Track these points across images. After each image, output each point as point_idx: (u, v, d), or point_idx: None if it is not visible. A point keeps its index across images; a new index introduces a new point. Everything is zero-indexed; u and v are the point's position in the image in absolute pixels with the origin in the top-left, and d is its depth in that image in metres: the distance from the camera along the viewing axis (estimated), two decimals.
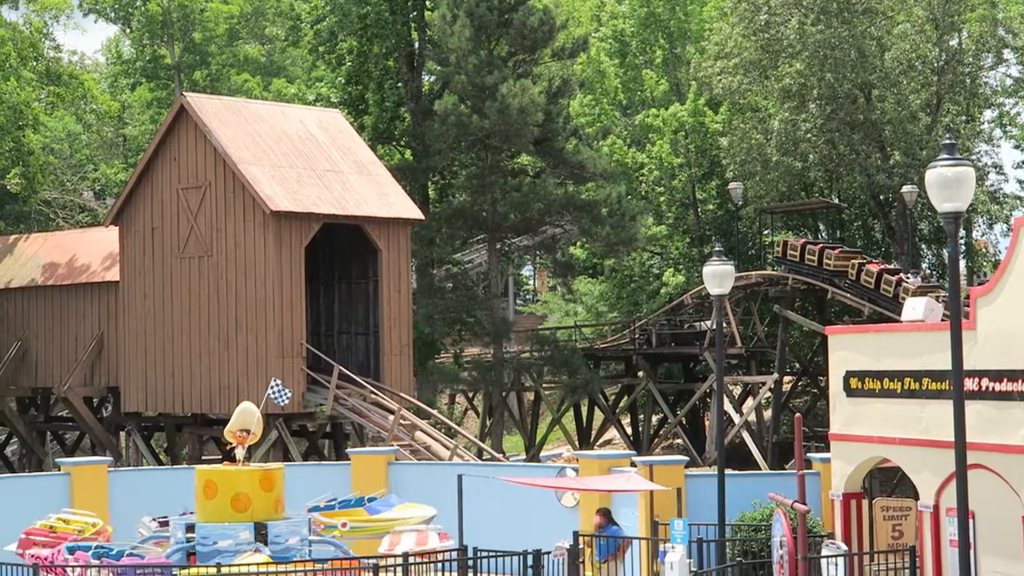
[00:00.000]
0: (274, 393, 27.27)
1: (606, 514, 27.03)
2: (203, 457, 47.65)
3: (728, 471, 27.64)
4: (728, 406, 52.40)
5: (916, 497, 25.05)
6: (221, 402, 44.29)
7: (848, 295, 49.79)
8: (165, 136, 46.04)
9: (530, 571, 24.67)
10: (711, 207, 64.52)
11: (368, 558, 24.75)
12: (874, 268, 49.57)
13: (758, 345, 54.91)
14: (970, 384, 22.14)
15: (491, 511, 29.26)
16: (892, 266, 51.61)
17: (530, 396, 60.52)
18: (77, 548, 25.58)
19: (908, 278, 48.77)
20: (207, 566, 24.23)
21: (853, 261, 50.52)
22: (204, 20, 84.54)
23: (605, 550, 26.54)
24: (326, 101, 59.87)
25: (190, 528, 25.63)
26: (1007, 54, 59.22)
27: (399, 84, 58.61)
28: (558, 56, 55.00)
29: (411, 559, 24.41)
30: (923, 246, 61.54)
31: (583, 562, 25.99)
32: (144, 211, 46.48)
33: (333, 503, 27.54)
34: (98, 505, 30.37)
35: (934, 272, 60.30)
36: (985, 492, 22.18)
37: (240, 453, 26.48)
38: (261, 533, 25.15)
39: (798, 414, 26.96)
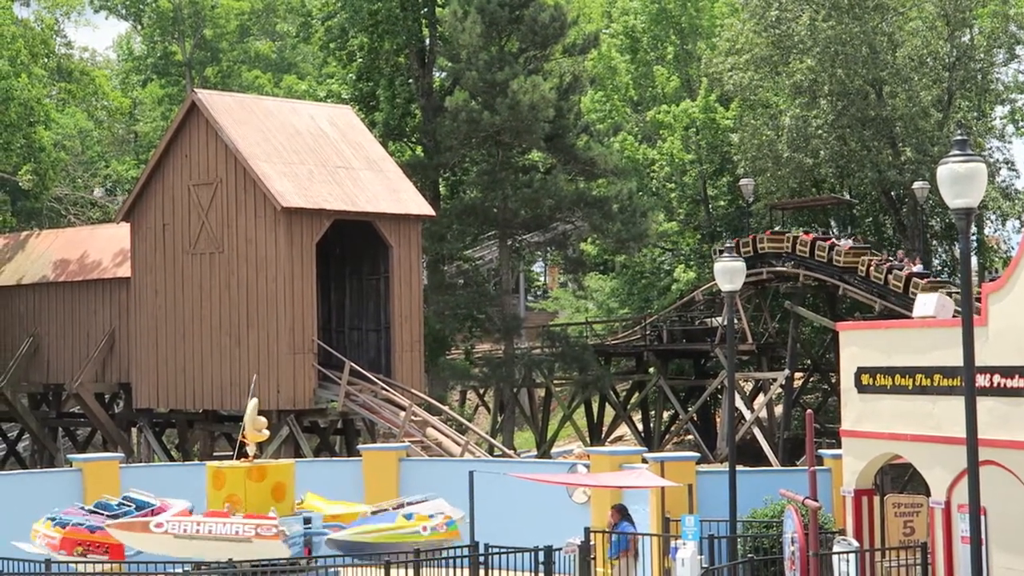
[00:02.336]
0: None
1: (621, 510, 26.95)
2: (215, 453, 47.75)
3: (739, 467, 27.63)
4: (739, 402, 52.38)
5: (928, 493, 25.01)
6: (232, 398, 44.34)
7: (859, 291, 49.77)
8: (176, 133, 46.09)
9: (541, 567, 24.66)
10: (722, 203, 64.47)
11: (379, 553, 24.77)
12: (807, 238, 52.61)
13: (769, 341, 54.88)
14: (982, 380, 22.10)
15: (502, 507, 29.27)
16: (823, 235, 54.17)
17: (541, 392, 60.52)
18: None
19: (839, 242, 51.92)
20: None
21: (787, 235, 53.20)
22: (215, 16, 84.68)
23: (617, 547, 26.50)
24: (337, 97, 59.91)
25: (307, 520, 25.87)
26: (1019, 50, 59.07)
27: (410, 80, 58.62)
28: (569, 52, 54.99)
29: (423, 555, 24.45)
30: (934, 242, 61.44)
31: (594, 558, 25.97)
32: (155, 207, 46.54)
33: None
34: None
35: (946, 267, 60.25)
36: (997, 488, 22.15)
37: (249, 450, 26.70)
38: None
39: (809, 410, 26.97)
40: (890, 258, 50.82)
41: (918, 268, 48.91)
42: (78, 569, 25.49)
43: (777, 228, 55.71)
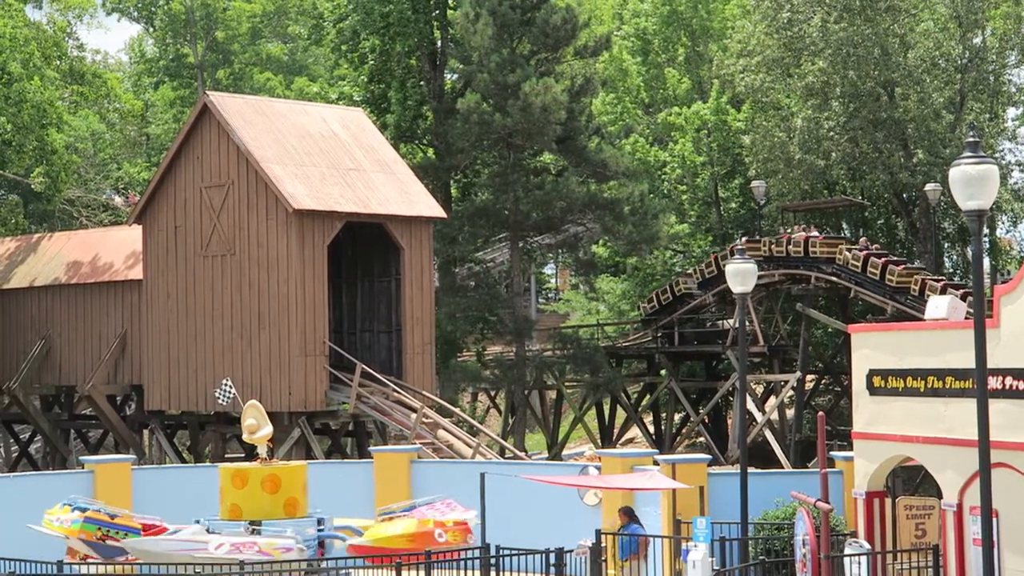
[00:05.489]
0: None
1: (628, 513, 27.02)
2: (226, 455, 47.79)
3: (751, 470, 27.60)
4: (751, 405, 52.32)
5: (939, 496, 24.97)
6: (244, 400, 44.25)
7: (871, 294, 49.68)
8: (188, 135, 46.16)
9: (553, 569, 24.66)
10: (733, 205, 64.43)
11: (391, 555, 24.78)
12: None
13: (781, 344, 54.81)
14: (994, 382, 22.06)
15: (513, 509, 29.27)
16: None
17: (552, 394, 60.50)
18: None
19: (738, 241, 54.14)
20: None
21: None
22: (227, 19, 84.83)
23: (627, 549, 26.52)
24: (348, 100, 59.97)
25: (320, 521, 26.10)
26: None
27: (421, 83, 58.66)
28: (580, 54, 55.00)
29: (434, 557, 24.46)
30: (946, 244, 61.37)
31: (606, 560, 25.98)
32: (167, 210, 46.60)
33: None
34: (122, 503, 30.47)
35: (958, 271, 60.15)
36: (1008, 491, 22.11)
37: (260, 451, 26.80)
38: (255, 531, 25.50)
39: (821, 413, 26.93)
40: (786, 231, 52.89)
41: (813, 234, 51.65)
42: (90, 570, 25.54)
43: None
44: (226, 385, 28.75)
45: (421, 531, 25.81)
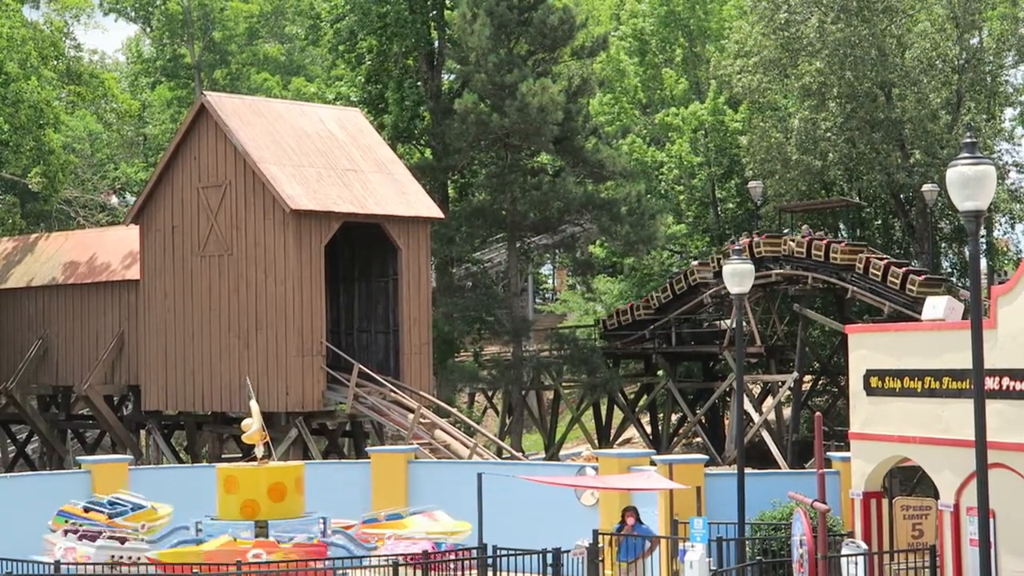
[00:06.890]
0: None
1: (635, 512, 26.93)
2: (223, 455, 47.77)
3: (748, 470, 27.63)
4: (748, 405, 52.31)
5: (936, 496, 24.99)
6: (241, 401, 44.30)
7: (868, 294, 49.73)
8: (185, 135, 46.14)
9: (550, 570, 24.68)
10: (731, 206, 64.42)
11: (388, 556, 24.80)
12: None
13: (778, 344, 54.83)
14: (991, 383, 22.09)
15: (510, 510, 29.29)
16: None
17: (549, 395, 60.50)
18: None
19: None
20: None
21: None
22: (224, 19, 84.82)
23: (636, 549, 26.42)
24: (346, 100, 59.92)
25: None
26: None
27: (419, 83, 58.64)
28: (578, 55, 54.99)
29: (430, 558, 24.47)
30: (943, 245, 61.35)
31: (602, 561, 25.98)
32: (164, 210, 46.58)
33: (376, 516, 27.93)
34: None
35: (954, 271, 60.15)
36: (1006, 491, 22.13)
37: (257, 451, 26.83)
38: (261, 529, 25.50)
39: (818, 413, 26.94)
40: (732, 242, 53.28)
41: (756, 239, 52.18)
42: (88, 571, 25.53)
43: (782, 230, 55.70)
44: (247, 385, 29.12)
45: (225, 549, 25.42)
